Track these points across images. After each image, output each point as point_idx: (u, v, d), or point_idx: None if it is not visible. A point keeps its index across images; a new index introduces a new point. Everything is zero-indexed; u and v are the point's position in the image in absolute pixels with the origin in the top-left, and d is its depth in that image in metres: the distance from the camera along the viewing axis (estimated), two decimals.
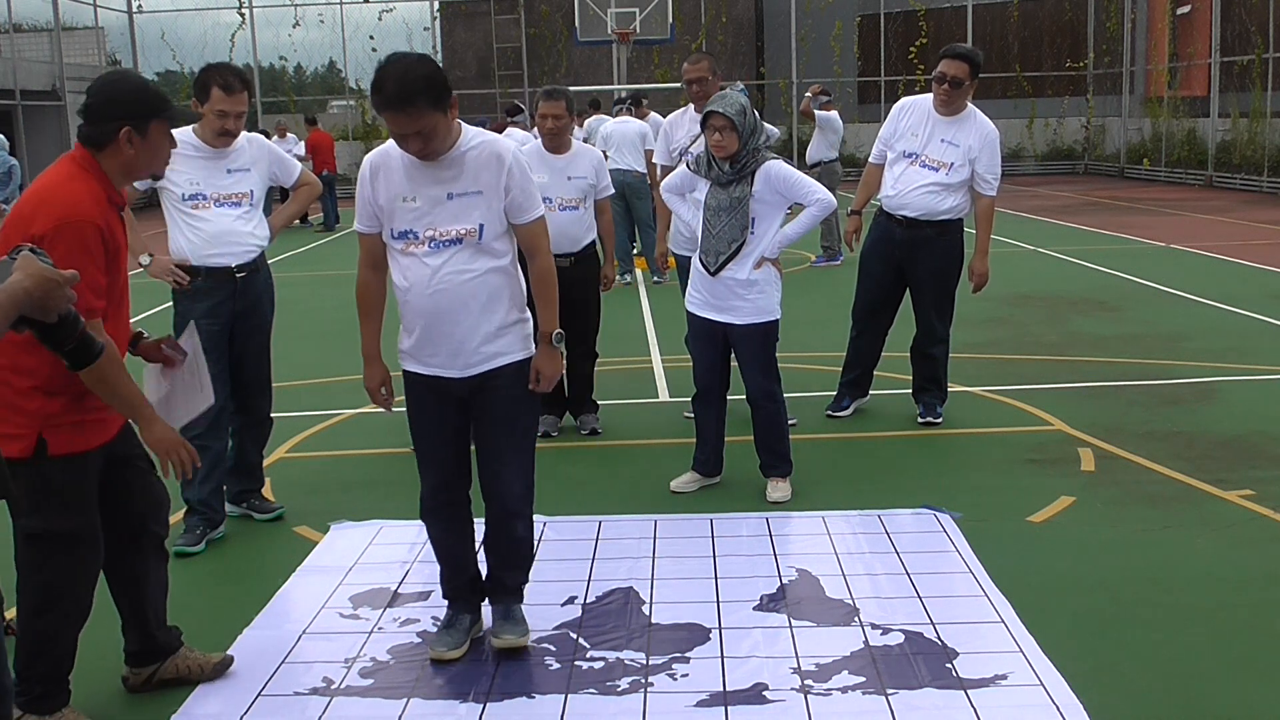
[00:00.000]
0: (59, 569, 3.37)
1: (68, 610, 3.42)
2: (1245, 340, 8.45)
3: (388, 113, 3.43)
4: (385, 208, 3.62)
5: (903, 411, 6.66)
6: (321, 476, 5.80)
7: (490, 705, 3.51)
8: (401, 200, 3.58)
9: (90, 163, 3.28)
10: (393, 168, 3.60)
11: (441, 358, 3.68)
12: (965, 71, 6.15)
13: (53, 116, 24.34)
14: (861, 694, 3.50)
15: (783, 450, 5.38)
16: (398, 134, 3.50)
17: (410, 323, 3.69)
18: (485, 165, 3.59)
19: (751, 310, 5.20)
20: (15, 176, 15.02)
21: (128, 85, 3.38)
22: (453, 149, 3.58)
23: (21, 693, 3.35)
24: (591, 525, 4.99)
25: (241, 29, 28.45)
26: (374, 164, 3.64)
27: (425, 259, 3.59)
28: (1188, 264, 12.57)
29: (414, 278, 3.61)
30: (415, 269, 3.60)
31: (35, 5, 27.37)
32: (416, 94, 3.40)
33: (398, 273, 3.66)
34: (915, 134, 6.27)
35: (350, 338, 5.19)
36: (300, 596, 4.39)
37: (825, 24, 28.39)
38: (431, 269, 3.59)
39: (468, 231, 3.59)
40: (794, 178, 5.16)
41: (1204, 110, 23.93)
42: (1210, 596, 4.17)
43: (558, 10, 28.16)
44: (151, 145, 3.33)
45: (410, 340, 3.72)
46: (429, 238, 3.58)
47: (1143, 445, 5.93)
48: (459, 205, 3.57)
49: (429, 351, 3.69)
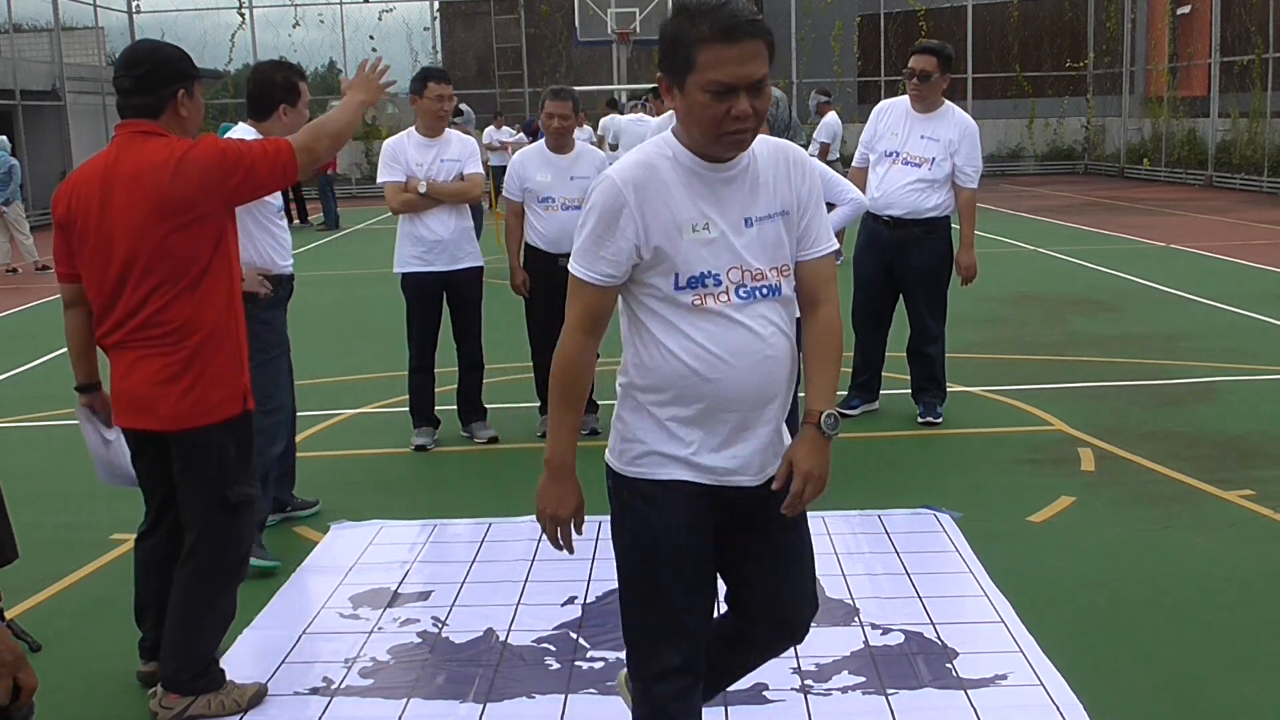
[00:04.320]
0: (249, 536, 3.59)
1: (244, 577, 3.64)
2: (1245, 340, 8.45)
3: (719, 45, 2.35)
4: (661, 244, 2.43)
5: (903, 411, 6.66)
6: (321, 476, 5.80)
7: (490, 705, 3.51)
8: (692, 230, 2.45)
9: (163, 130, 3.36)
10: (667, 183, 2.45)
11: (744, 458, 2.54)
12: (933, 64, 6.18)
13: (53, 116, 24.34)
14: (861, 694, 3.50)
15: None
16: (732, 85, 2.35)
17: (705, 412, 2.49)
18: (782, 174, 2.54)
19: None
20: (15, 176, 15.03)
21: (168, 51, 3.45)
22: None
23: (196, 676, 3.45)
24: (591, 525, 4.96)
25: (241, 29, 28.48)
26: (635, 180, 2.45)
27: (736, 315, 2.46)
28: (1188, 264, 12.57)
29: (725, 344, 2.45)
30: (723, 331, 2.45)
31: (35, 5, 27.47)
32: (763, 27, 2.44)
33: (673, 339, 2.46)
34: (895, 133, 6.31)
35: (351, 338, 5.21)
36: (300, 596, 4.39)
37: (825, 24, 28.39)
38: (754, 331, 2.47)
39: (781, 270, 2.53)
40: (827, 176, 5.16)
41: (1204, 110, 23.92)
42: (1210, 596, 4.17)
43: (558, 10, 28.16)
44: (198, 104, 3.45)
45: (694, 434, 2.50)
46: (735, 283, 2.47)
47: (1143, 445, 5.93)
48: (762, 234, 2.50)
49: (731, 452, 2.52)
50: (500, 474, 5.92)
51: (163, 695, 3.46)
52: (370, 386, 7.81)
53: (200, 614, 3.49)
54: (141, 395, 3.35)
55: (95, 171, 3.34)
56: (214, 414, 3.37)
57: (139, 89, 3.34)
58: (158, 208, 3.23)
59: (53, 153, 24.19)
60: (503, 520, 5.08)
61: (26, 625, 4.10)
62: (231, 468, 3.44)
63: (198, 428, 3.36)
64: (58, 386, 8.15)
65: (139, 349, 3.33)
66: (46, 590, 4.53)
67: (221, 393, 3.39)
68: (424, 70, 6.21)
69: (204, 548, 3.47)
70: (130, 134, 3.34)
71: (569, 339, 2.53)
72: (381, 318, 9.81)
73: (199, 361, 3.33)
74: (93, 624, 4.24)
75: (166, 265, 3.26)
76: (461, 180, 6.10)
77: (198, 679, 3.46)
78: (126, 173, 3.27)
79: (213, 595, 3.50)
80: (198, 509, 3.45)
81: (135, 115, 3.36)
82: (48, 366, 9.01)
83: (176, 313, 3.29)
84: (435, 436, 6.41)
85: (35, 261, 15.15)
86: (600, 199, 2.48)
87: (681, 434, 2.49)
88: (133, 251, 3.26)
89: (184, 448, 3.40)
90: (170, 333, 3.30)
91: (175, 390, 3.32)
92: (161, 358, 3.31)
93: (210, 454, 3.40)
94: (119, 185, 3.27)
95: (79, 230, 3.34)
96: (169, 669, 3.46)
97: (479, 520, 5.13)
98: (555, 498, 2.60)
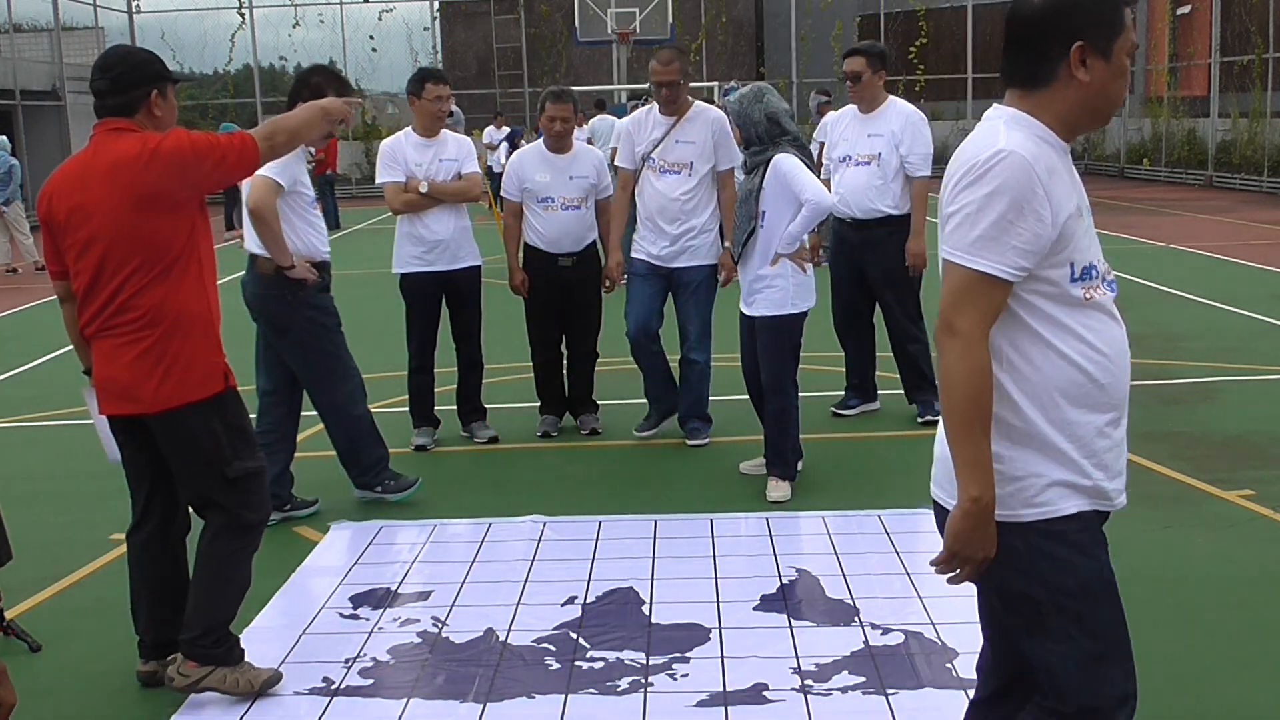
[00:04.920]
0: (263, 504, 3.64)
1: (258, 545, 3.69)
2: (1245, 340, 8.45)
3: (1125, 6, 2.16)
4: (1064, 230, 2.15)
5: (903, 411, 6.66)
6: (321, 476, 5.80)
7: (490, 705, 3.51)
8: (1078, 214, 2.18)
9: (136, 127, 3.46)
10: (1054, 163, 2.17)
11: (1124, 474, 2.33)
12: (863, 65, 6.25)
13: (53, 116, 24.33)
14: (861, 694, 3.50)
15: (784, 450, 5.33)
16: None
17: (1109, 424, 2.24)
18: None
19: (764, 303, 5.22)
20: (15, 176, 15.03)
21: (142, 54, 3.59)
22: None
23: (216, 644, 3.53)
24: (591, 525, 4.99)
25: (241, 29, 28.46)
26: (1039, 157, 2.13)
27: (1113, 309, 2.24)
28: (1188, 264, 12.57)
29: (1111, 343, 2.22)
30: (1108, 328, 2.22)
31: (35, 5, 27.41)
32: None
33: (1066, 342, 2.17)
34: (845, 138, 6.41)
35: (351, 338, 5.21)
36: (300, 596, 4.39)
37: (825, 24, 28.38)
38: (1124, 327, 2.27)
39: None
40: (791, 174, 5.04)
41: (1204, 110, 23.92)
42: (1210, 596, 4.17)
43: (558, 10, 28.15)
44: (172, 105, 3.57)
45: (1095, 451, 2.23)
46: (1104, 273, 2.24)
47: (1143, 445, 5.93)
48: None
49: (1120, 466, 2.30)
50: (500, 474, 5.92)
51: (181, 662, 3.55)
52: (370, 386, 7.78)
53: (218, 580, 3.58)
54: (123, 381, 3.46)
55: (74, 169, 3.47)
56: (194, 392, 3.47)
57: (113, 90, 3.47)
58: (132, 197, 3.35)
59: (53, 153, 24.16)
60: (503, 520, 5.08)
61: (26, 625, 4.10)
62: (224, 445, 3.51)
63: (179, 407, 3.45)
64: (57, 386, 8.15)
65: (116, 336, 3.44)
66: (46, 590, 4.53)
67: (200, 372, 3.48)
68: (421, 71, 6.23)
69: (216, 521, 3.57)
70: (105, 132, 3.47)
71: (975, 352, 2.11)
72: (381, 318, 9.82)
73: (174, 344, 3.43)
74: (93, 624, 4.23)
75: (141, 253, 3.38)
76: (459, 180, 6.11)
77: (217, 646, 3.55)
78: (102, 167, 3.39)
79: (228, 563, 3.59)
80: (199, 488, 3.54)
81: (110, 115, 3.48)
82: (47, 366, 9.01)
83: (148, 299, 3.40)
84: (435, 436, 6.41)
85: (35, 261, 15.15)
86: (1007, 176, 2.09)
87: (1081, 454, 2.19)
88: (110, 242, 3.38)
89: (169, 429, 3.49)
90: (142, 317, 3.41)
91: (156, 374, 3.42)
92: (138, 343, 3.41)
93: (197, 433, 3.49)
94: (96, 179, 3.38)
95: (60, 226, 3.47)
96: (189, 634, 3.55)
97: (479, 520, 5.13)
98: (987, 539, 2.18)
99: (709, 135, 5.98)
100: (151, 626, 3.70)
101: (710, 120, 6.01)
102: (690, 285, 6.07)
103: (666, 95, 5.96)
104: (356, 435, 5.31)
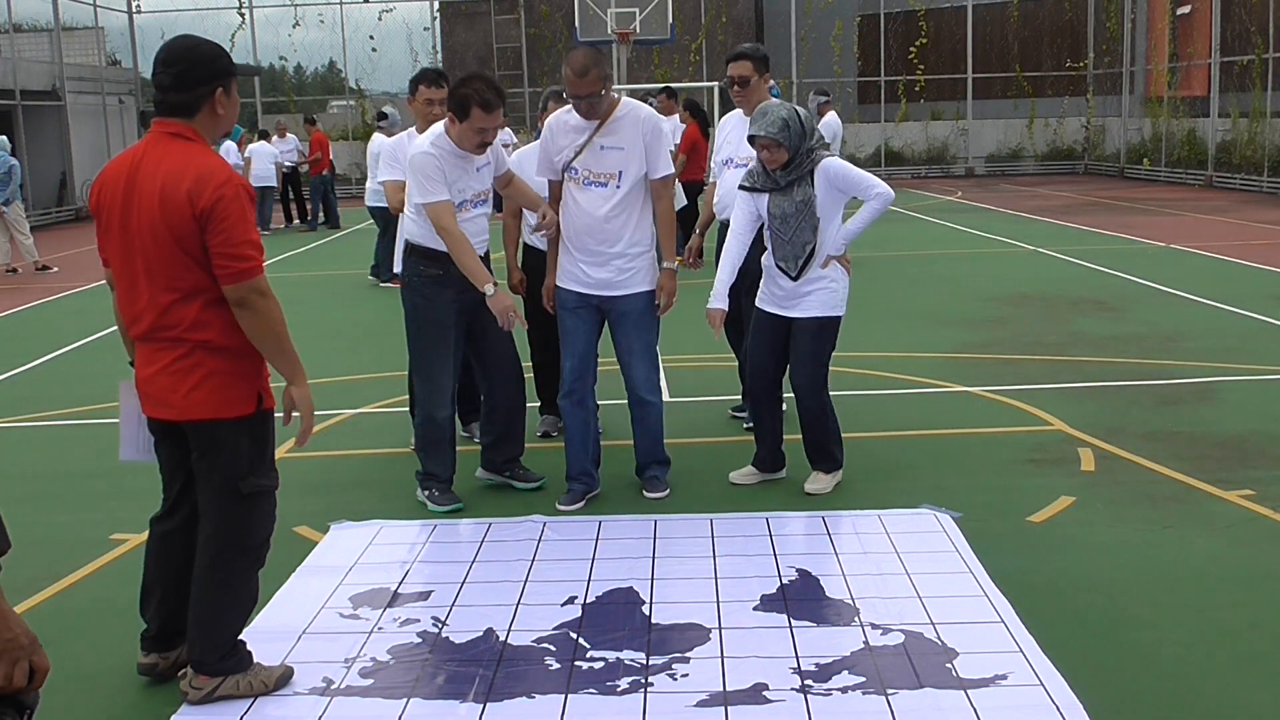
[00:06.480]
0: (267, 524, 3.61)
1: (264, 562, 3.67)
2: (1245, 340, 8.45)
3: None
4: None
5: (903, 412, 6.66)
6: (321, 476, 5.80)
7: (490, 705, 3.51)
8: None
9: (193, 133, 3.38)
10: None
11: None
12: (748, 69, 6.17)
13: (53, 116, 24.33)
14: (861, 694, 3.50)
15: (827, 444, 5.43)
16: None
17: None
18: None
19: (814, 304, 5.24)
20: (15, 176, 15.02)
21: (207, 48, 3.43)
22: None
23: (224, 658, 3.53)
24: (591, 525, 4.99)
25: (241, 29, 28.46)
26: None
27: None
28: (1188, 264, 12.57)
29: None
30: None
31: (35, 5, 27.40)
32: None
33: None
34: (730, 141, 6.30)
35: (351, 338, 5.22)
36: (300, 596, 4.39)
37: (825, 24, 28.38)
38: None
39: None
40: (852, 174, 5.16)
41: (1204, 110, 23.92)
42: (1210, 596, 4.17)
43: (558, 10, 28.15)
44: (235, 102, 3.45)
45: None
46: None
47: (1143, 445, 5.93)
48: None
49: None
50: None
51: (192, 676, 3.54)
52: (370, 386, 7.81)
53: (221, 600, 3.55)
54: (159, 386, 3.43)
55: (124, 168, 3.40)
56: (226, 410, 3.43)
57: (176, 85, 3.35)
58: (169, 226, 3.29)
59: (53, 153, 24.19)
60: (503, 520, 5.08)
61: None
62: (246, 462, 3.49)
63: (211, 420, 3.42)
64: (58, 386, 8.16)
65: (156, 343, 3.41)
66: (46, 590, 4.53)
67: (235, 390, 3.44)
68: (419, 72, 6.29)
69: (219, 535, 3.54)
70: (161, 134, 3.38)
71: None
72: (381, 318, 9.80)
73: (210, 360, 3.38)
74: (93, 624, 4.24)
75: (173, 274, 3.33)
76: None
77: (225, 660, 3.55)
78: (150, 178, 3.31)
79: (232, 581, 3.56)
80: (212, 497, 3.52)
81: (171, 113, 3.38)
82: (47, 366, 9.02)
83: (183, 315, 3.35)
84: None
85: (35, 261, 15.14)
86: None
87: None
88: (147, 253, 3.34)
89: (199, 438, 3.48)
90: (180, 332, 3.37)
91: (187, 384, 3.39)
92: (173, 351, 3.38)
93: (223, 447, 3.46)
94: (142, 187, 3.32)
95: (105, 223, 3.43)
96: (195, 653, 3.55)
97: (479, 520, 5.13)
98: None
99: (639, 138, 5.13)
100: (159, 616, 3.70)
101: (640, 120, 5.16)
102: (631, 316, 5.25)
103: (586, 109, 5.11)
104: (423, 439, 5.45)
